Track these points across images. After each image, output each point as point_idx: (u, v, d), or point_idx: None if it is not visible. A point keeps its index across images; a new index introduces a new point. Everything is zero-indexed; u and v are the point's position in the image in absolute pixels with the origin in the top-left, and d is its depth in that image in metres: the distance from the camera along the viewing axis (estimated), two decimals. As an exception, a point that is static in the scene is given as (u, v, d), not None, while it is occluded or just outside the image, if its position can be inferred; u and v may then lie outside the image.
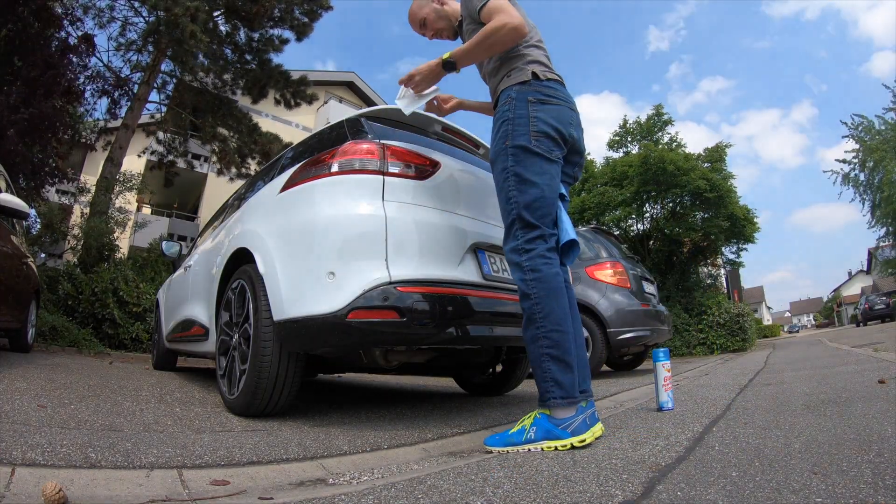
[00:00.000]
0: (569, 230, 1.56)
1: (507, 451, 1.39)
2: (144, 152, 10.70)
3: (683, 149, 11.72)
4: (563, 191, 1.60)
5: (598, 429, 1.45)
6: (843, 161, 18.71)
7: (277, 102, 9.85)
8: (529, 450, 1.37)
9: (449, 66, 1.62)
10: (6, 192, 3.11)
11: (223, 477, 1.10)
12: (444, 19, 1.78)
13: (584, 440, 1.37)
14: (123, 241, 9.83)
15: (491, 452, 1.41)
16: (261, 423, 1.75)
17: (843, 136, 18.60)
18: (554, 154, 1.51)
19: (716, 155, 11.29)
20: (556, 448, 1.36)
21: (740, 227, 10.81)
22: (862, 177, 18.43)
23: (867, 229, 18.83)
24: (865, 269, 43.70)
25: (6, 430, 1.30)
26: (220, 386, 2.05)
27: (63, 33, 6.96)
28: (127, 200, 9.16)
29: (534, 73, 1.54)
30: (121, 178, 8.43)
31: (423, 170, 1.83)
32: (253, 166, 9.79)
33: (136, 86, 8.53)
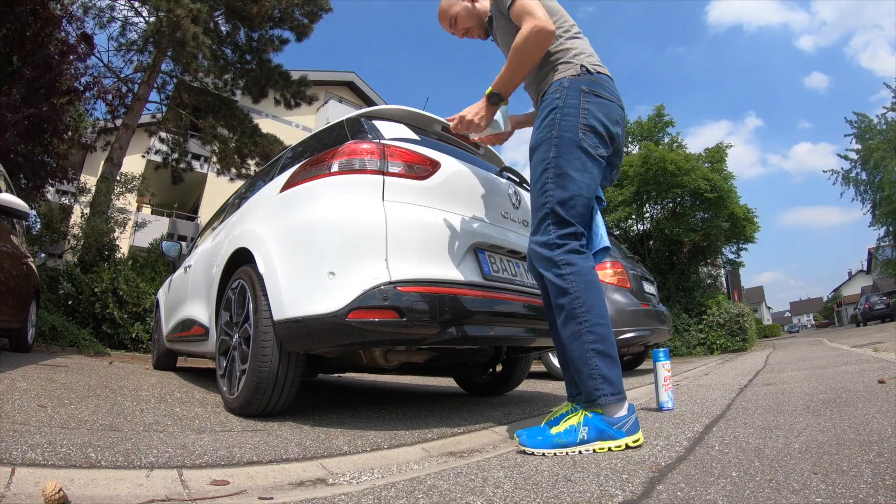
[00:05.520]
0: (603, 236, 1.53)
1: (555, 454, 1.30)
2: (148, 152, 10.71)
3: (684, 149, 11.73)
4: (600, 193, 1.55)
5: (639, 438, 1.36)
6: (846, 158, 18.76)
7: (277, 102, 9.87)
8: (580, 452, 1.30)
9: (495, 98, 1.56)
10: (6, 192, 3.11)
11: (223, 477, 1.10)
12: (474, 18, 1.73)
13: (637, 440, 1.32)
14: (123, 241, 9.84)
15: (532, 454, 1.33)
16: (261, 423, 1.75)
17: (846, 135, 18.66)
18: (598, 151, 1.44)
19: (716, 155, 11.29)
20: (609, 449, 1.30)
21: (740, 228, 10.82)
22: (863, 175, 18.47)
23: (867, 227, 18.90)
24: (865, 269, 43.70)
25: (6, 430, 1.30)
26: (220, 386, 2.05)
27: (62, 33, 6.96)
28: (127, 201, 9.17)
29: (583, 67, 1.46)
30: (121, 179, 8.44)
31: (423, 170, 1.83)
32: (253, 166, 9.80)
33: (137, 86, 8.53)
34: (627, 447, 1.30)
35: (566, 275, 1.38)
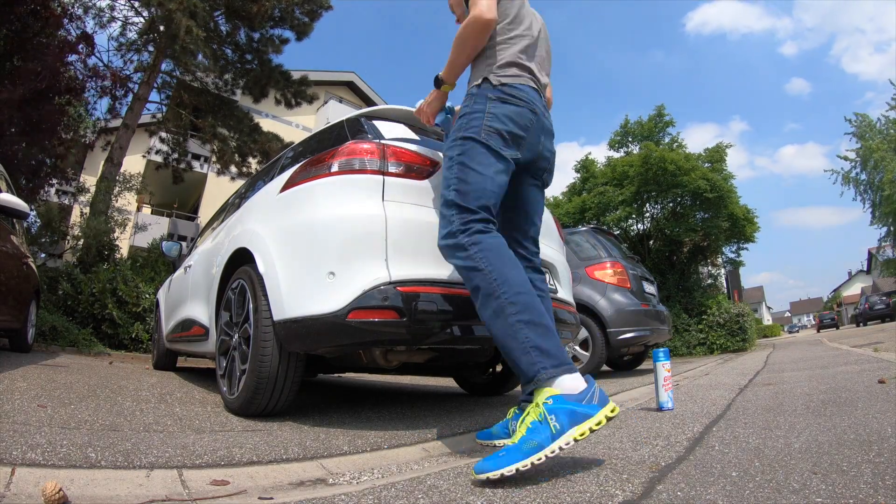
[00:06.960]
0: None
1: (532, 464, 1.05)
2: (148, 152, 10.71)
3: (684, 149, 11.73)
4: (536, 221, 1.65)
5: (615, 407, 1.16)
6: (845, 158, 18.82)
7: (278, 102, 9.87)
8: (560, 449, 1.06)
9: (437, 81, 1.61)
10: (6, 192, 3.11)
11: (223, 477, 1.10)
12: (459, 6, 1.72)
13: (614, 410, 1.13)
14: (123, 242, 9.85)
15: (501, 476, 1.04)
16: (261, 423, 1.75)
17: (846, 133, 18.74)
18: (505, 152, 1.42)
19: (716, 155, 11.29)
20: (590, 430, 1.08)
21: (740, 228, 10.83)
22: (863, 176, 18.52)
23: (866, 227, 19.04)
24: (865, 269, 43.74)
25: (6, 430, 1.30)
26: (220, 386, 2.05)
27: (62, 31, 6.95)
28: (127, 201, 9.16)
29: (486, 79, 1.47)
30: (121, 179, 8.44)
31: (423, 170, 1.83)
32: (253, 166, 9.80)
33: (137, 85, 8.53)
34: (607, 419, 1.10)
35: (474, 253, 1.30)
